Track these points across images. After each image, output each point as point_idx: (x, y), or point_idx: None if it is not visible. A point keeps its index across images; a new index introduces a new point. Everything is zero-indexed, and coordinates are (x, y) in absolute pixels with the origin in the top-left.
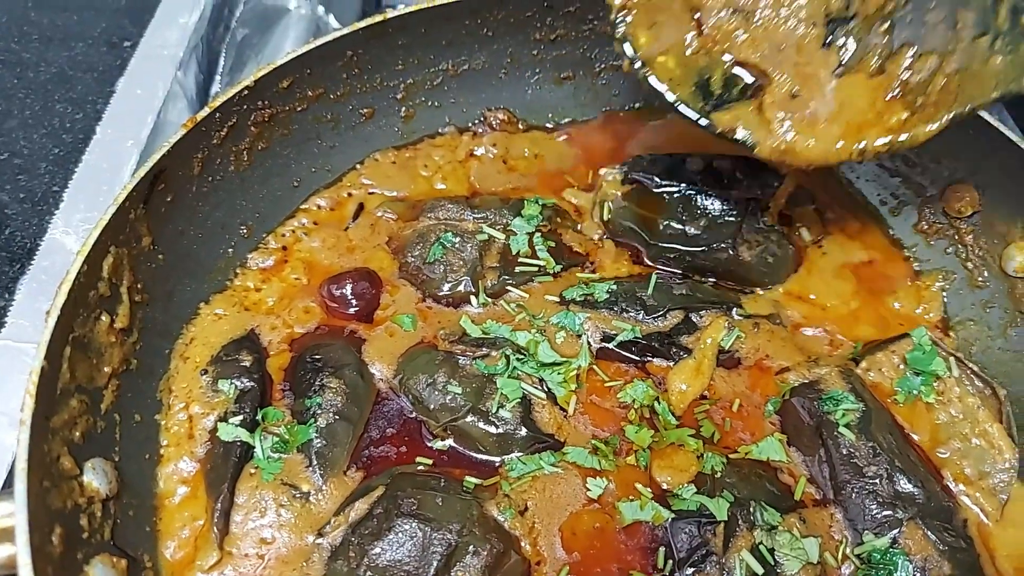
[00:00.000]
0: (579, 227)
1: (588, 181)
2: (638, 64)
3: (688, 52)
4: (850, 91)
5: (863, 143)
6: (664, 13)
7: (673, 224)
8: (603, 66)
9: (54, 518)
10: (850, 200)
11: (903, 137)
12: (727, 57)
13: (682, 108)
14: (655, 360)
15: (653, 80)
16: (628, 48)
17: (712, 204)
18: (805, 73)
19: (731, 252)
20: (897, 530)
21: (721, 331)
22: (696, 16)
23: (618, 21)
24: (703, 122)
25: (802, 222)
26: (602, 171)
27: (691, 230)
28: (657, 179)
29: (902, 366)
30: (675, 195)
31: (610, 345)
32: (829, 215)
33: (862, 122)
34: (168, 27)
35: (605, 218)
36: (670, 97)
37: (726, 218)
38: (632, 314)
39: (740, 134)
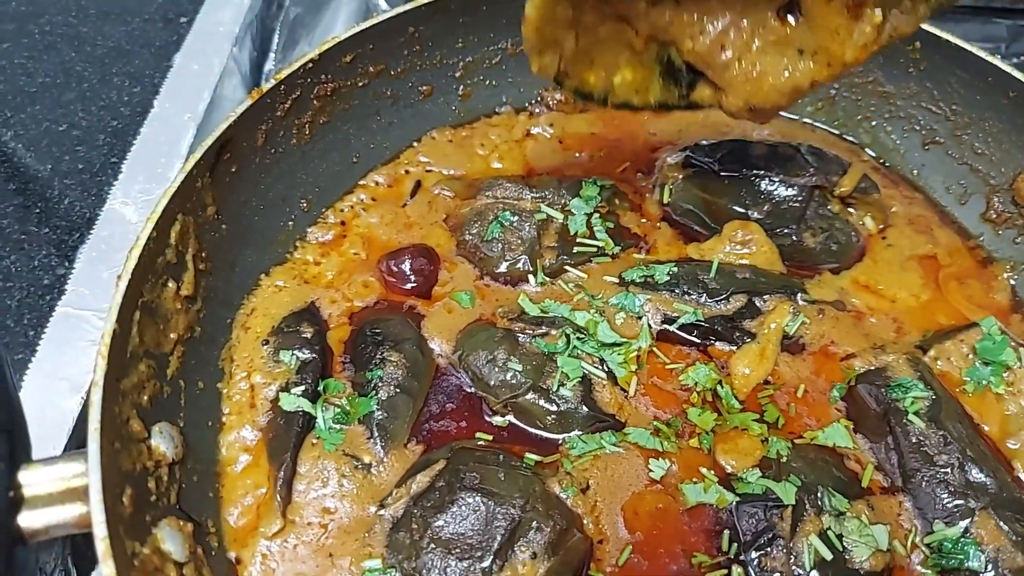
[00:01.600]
0: (641, 208)
1: (648, 163)
2: (604, 100)
3: (637, 53)
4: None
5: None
6: (597, 46)
7: (735, 207)
8: None
9: (124, 479)
10: (915, 190)
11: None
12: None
13: (660, 108)
14: (717, 344)
15: (622, 102)
16: (585, 96)
17: (776, 189)
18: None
19: (794, 238)
20: (969, 520)
21: (786, 316)
22: (627, 22)
23: (564, 87)
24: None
25: (867, 211)
26: (663, 154)
27: (754, 214)
28: (719, 163)
29: (971, 355)
30: (738, 179)
31: (671, 328)
32: (895, 207)
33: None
34: (223, 4)
35: (666, 200)
36: (643, 103)
37: (790, 204)
38: (694, 297)
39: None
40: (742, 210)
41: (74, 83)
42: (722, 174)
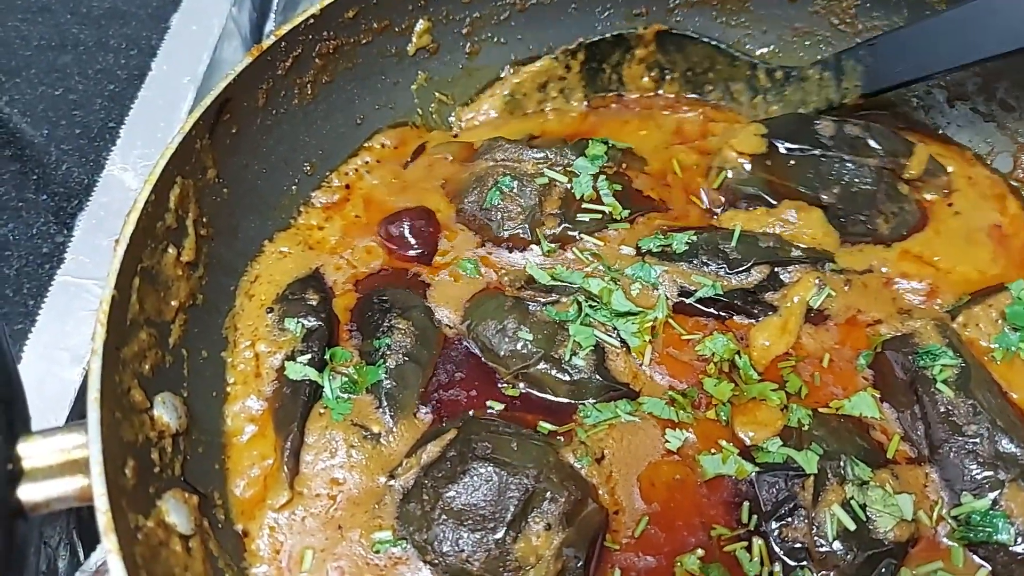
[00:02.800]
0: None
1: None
2: None
3: None
4: None
5: None
6: None
7: (804, 189)
8: (678, 1)
9: (126, 450)
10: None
11: None
12: None
13: None
14: (736, 317)
15: None
16: None
17: (846, 170)
18: None
19: (868, 226)
20: (998, 492)
21: (811, 289)
22: None
23: None
24: None
25: (934, 192)
26: (726, 131)
27: (825, 197)
28: (786, 142)
29: (1000, 321)
30: (806, 158)
31: (688, 300)
32: (957, 185)
33: None
34: None
35: (717, 184)
36: None
37: (861, 186)
38: (713, 268)
39: None
40: (812, 193)
41: (70, 46)
42: (789, 153)
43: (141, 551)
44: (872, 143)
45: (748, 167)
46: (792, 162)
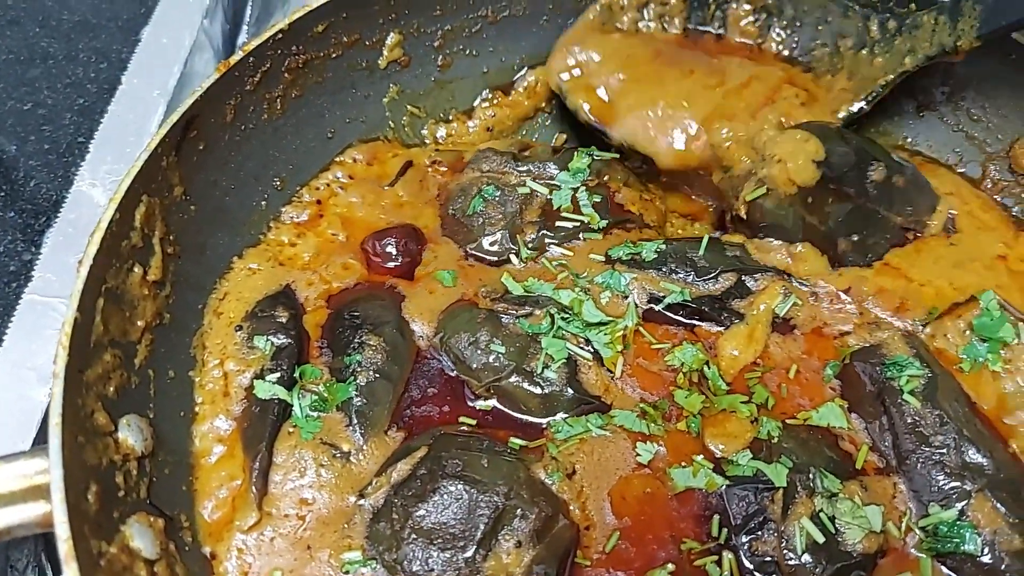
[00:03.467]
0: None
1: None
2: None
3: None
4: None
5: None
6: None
7: (828, 231)
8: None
9: (89, 475)
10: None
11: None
12: None
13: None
14: (704, 324)
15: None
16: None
17: (873, 222)
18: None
19: (860, 264)
20: (965, 502)
21: (777, 298)
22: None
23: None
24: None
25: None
26: (779, 134)
27: (841, 245)
28: (837, 178)
29: (968, 332)
30: (845, 204)
31: (657, 307)
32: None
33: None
34: None
35: (749, 199)
36: None
37: (879, 239)
38: (681, 275)
39: None
40: (831, 239)
41: (39, 60)
42: (832, 192)
43: None
44: (909, 196)
45: (791, 195)
46: (831, 200)
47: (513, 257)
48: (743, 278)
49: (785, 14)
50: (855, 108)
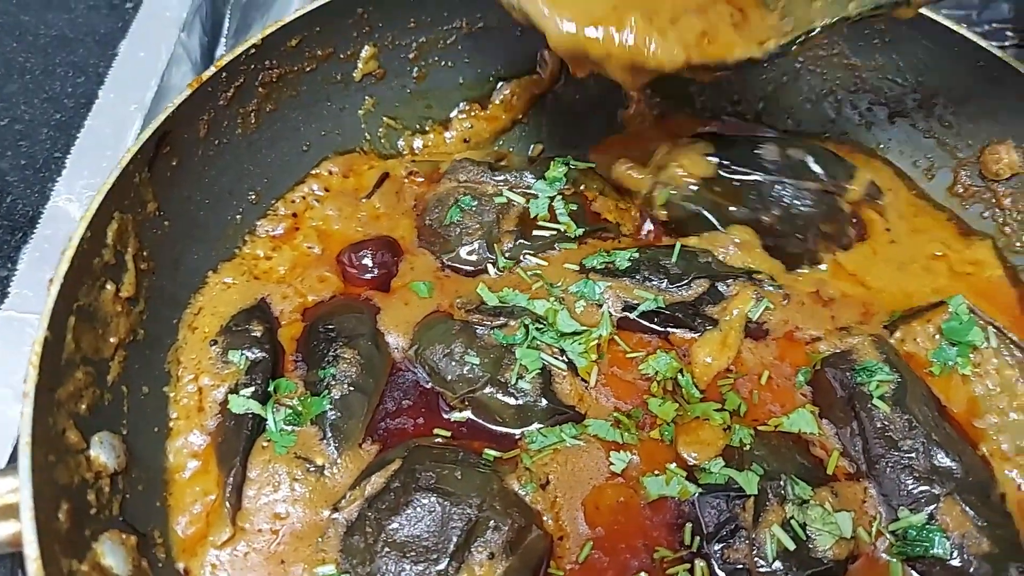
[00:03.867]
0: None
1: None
2: None
3: None
4: None
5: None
6: None
7: (746, 211)
8: None
9: (60, 493)
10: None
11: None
12: None
13: None
14: (678, 331)
15: None
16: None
17: (787, 193)
18: None
19: (809, 246)
20: (934, 506)
21: (749, 302)
22: None
23: None
24: None
25: (873, 212)
26: (671, 149)
27: (765, 219)
28: (731, 164)
29: (937, 336)
30: (748, 182)
31: (632, 315)
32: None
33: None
34: None
35: (661, 202)
36: None
37: (801, 208)
38: (655, 283)
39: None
40: (753, 215)
41: (16, 75)
42: (730, 176)
43: None
44: (815, 167)
45: (695, 187)
46: (736, 183)
47: (490, 267)
48: (716, 284)
49: None
50: (783, 42)
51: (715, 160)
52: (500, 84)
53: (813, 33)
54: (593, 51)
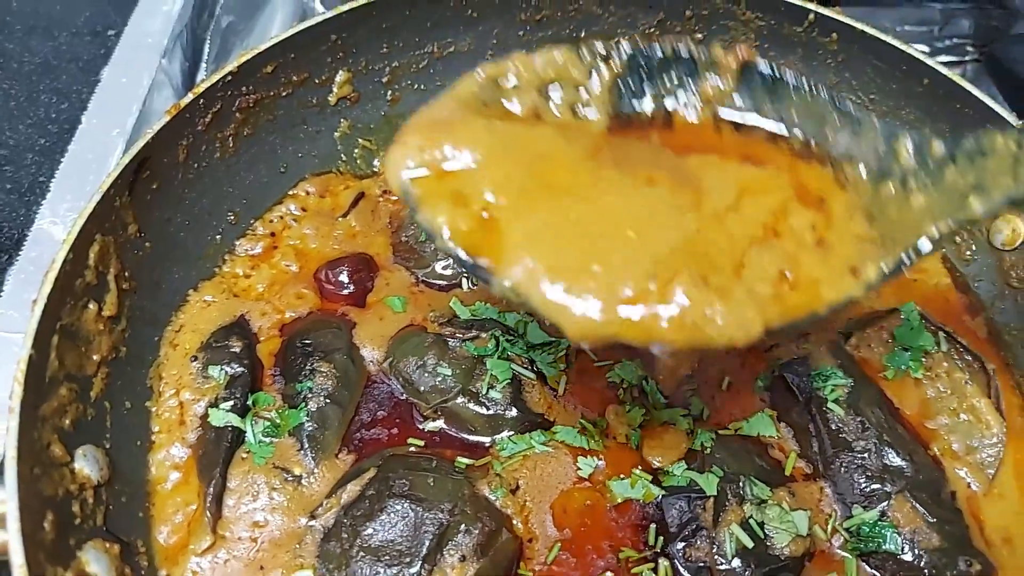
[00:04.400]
0: None
1: None
2: None
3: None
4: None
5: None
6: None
7: None
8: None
9: (45, 504)
10: None
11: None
12: None
13: None
14: None
15: None
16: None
17: None
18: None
19: None
20: (885, 503)
21: None
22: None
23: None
24: None
25: None
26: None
27: None
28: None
29: (891, 341)
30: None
31: None
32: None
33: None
34: (152, 15)
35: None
36: None
37: None
38: None
39: None
40: None
41: (0, 101)
42: None
43: None
44: None
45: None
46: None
47: (464, 281)
48: None
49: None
50: (889, 266)
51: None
52: None
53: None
54: (632, 338)
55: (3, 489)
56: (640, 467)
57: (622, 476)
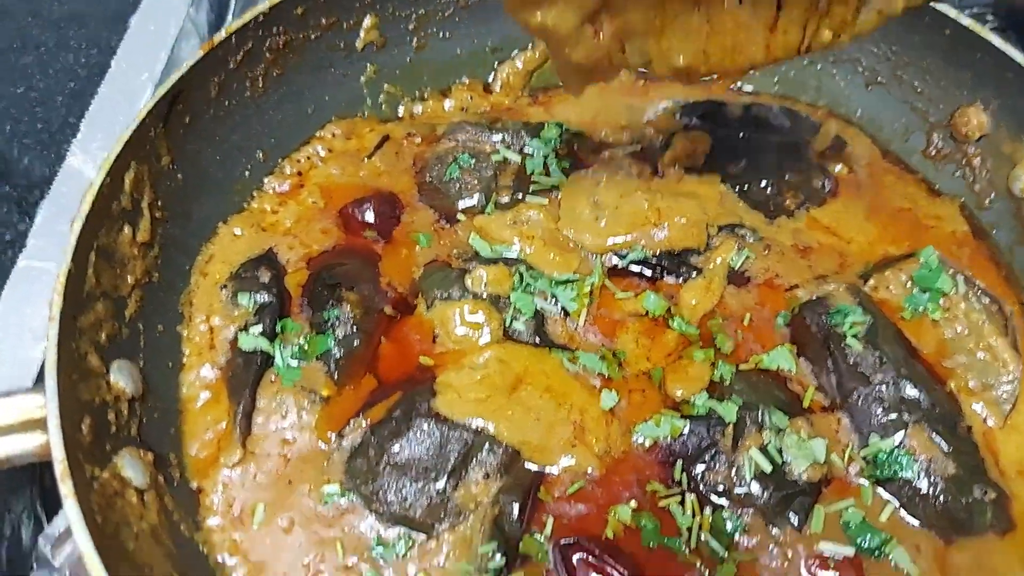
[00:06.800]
0: (605, 154)
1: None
2: None
3: None
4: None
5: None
6: None
7: (716, 161)
8: None
9: (83, 409)
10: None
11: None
12: None
13: None
14: (666, 278)
15: None
16: None
17: (752, 147)
18: None
19: (776, 197)
20: (903, 432)
21: (731, 251)
22: None
23: None
24: None
25: (841, 164)
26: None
27: (731, 169)
28: (697, 120)
29: (909, 284)
30: (715, 137)
31: (621, 263)
32: (860, 164)
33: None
34: None
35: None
36: None
37: (766, 157)
38: None
39: None
40: (719, 165)
41: (31, 48)
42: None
43: (96, 499)
44: (777, 121)
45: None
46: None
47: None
48: None
49: None
50: None
51: (681, 119)
52: (497, 64)
53: None
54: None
55: (43, 395)
56: (663, 403)
57: (647, 419)
